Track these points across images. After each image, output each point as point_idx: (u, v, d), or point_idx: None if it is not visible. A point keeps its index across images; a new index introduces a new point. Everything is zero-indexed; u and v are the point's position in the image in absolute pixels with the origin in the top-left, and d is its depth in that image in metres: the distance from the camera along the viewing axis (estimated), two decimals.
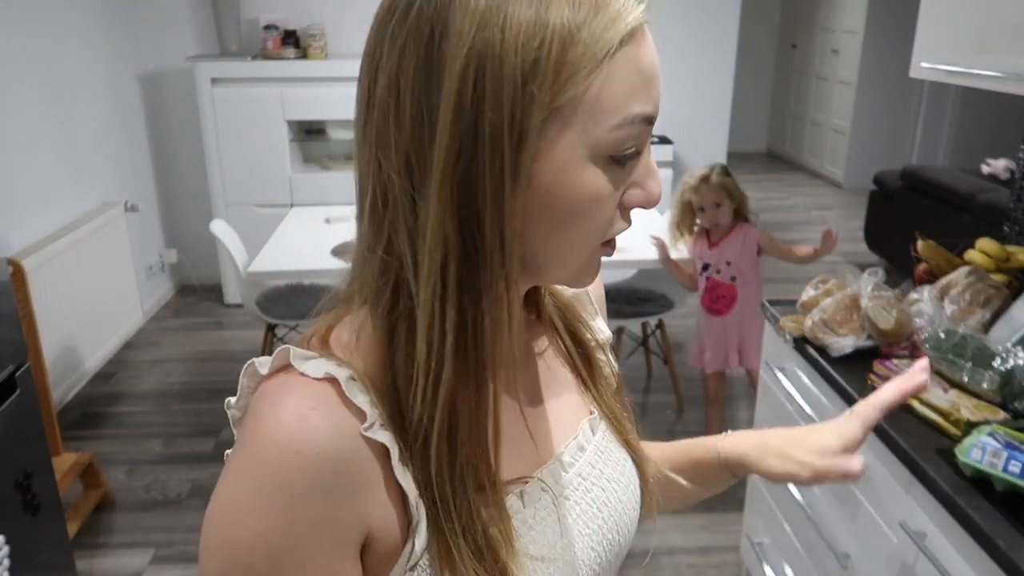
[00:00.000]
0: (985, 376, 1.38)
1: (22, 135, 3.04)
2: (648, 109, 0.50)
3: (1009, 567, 1.06)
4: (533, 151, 0.47)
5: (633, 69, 0.48)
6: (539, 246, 0.51)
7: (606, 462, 0.65)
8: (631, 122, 0.49)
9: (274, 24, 4.01)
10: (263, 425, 0.48)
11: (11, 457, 1.73)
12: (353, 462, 0.48)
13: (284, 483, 0.46)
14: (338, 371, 0.50)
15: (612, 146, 0.49)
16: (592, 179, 0.49)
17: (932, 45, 1.67)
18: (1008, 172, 4.41)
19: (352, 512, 0.48)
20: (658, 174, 0.54)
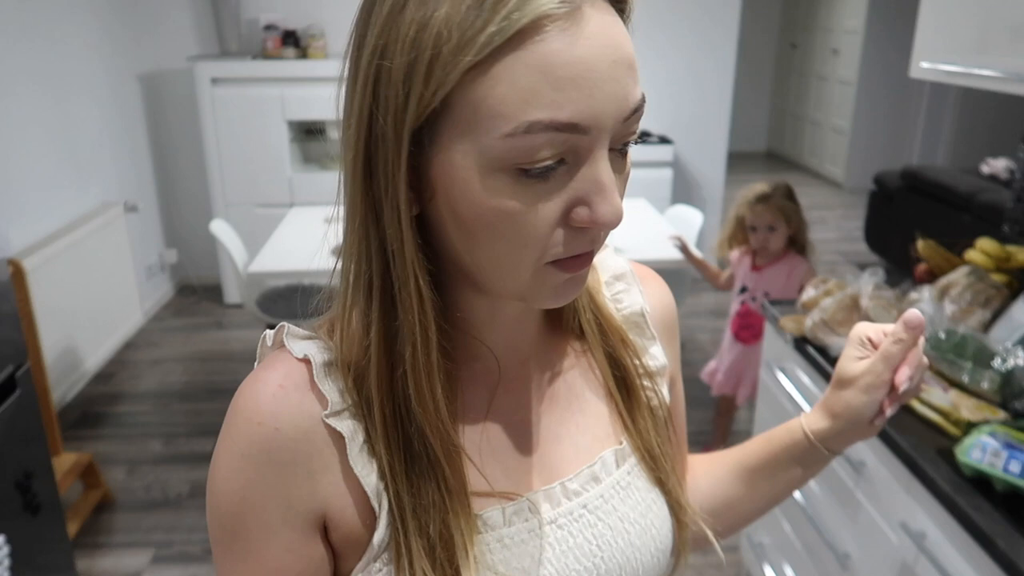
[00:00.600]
0: (985, 376, 1.38)
1: (22, 135, 3.04)
2: (558, 116, 0.42)
3: (1009, 567, 1.06)
4: (429, 156, 0.46)
5: (536, 69, 0.42)
6: (465, 255, 0.49)
7: (624, 499, 0.59)
8: (527, 131, 0.42)
9: (274, 24, 4.01)
10: (239, 394, 0.52)
11: (11, 457, 1.73)
12: (311, 443, 0.50)
13: (246, 451, 0.50)
14: (318, 355, 0.52)
15: (511, 157, 0.43)
16: (492, 192, 0.44)
17: (932, 45, 1.67)
18: (1008, 172, 4.41)
19: (307, 491, 0.50)
20: (611, 191, 0.45)
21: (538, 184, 0.44)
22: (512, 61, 0.42)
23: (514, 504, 0.55)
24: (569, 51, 0.42)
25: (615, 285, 0.66)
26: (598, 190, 0.45)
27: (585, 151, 0.45)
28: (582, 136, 0.44)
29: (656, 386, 0.65)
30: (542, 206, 0.45)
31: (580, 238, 0.47)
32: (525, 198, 0.44)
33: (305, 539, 0.51)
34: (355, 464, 0.51)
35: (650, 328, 0.66)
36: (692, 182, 4.57)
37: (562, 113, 0.42)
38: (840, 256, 5.20)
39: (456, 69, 0.42)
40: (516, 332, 0.59)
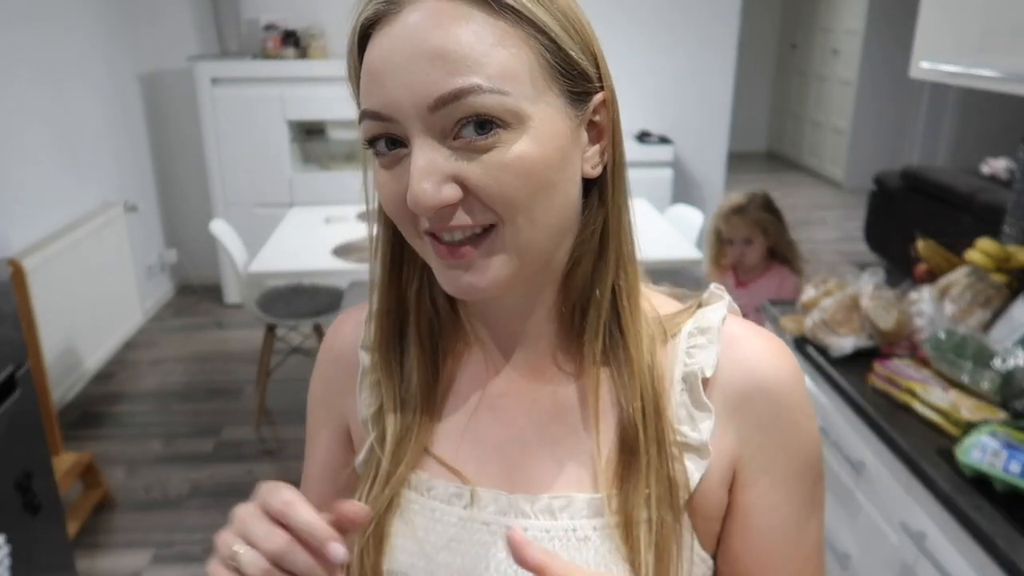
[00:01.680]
0: (985, 376, 1.38)
1: (22, 135, 3.04)
2: (366, 105, 0.50)
3: (1009, 567, 1.06)
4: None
5: (365, 67, 0.50)
6: None
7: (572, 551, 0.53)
8: (361, 117, 0.51)
9: (274, 24, 4.01)
10: (333, 322, 0.68)
11: (11, 457, 1.73)
12: (346, 367, 0.64)
13: (319, 361, 0.68)
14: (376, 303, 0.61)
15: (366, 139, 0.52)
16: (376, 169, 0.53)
17: (932, 45, 1.67)
18: (1008, 172, 4.40)
19: (338, 402, 0.66)
20: (416, 176, 0.48)
21: (388, 162, 0.51)
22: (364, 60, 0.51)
23: (462, 488, 0.57)
24: (377, 50, 0.49)
25: (696, 337, 0.57)
26: (411, 174, 0.49)
27: (407, 136, 0.49)
28: (391, 123, 0.49)
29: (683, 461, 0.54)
30: (392, 183, 0.51)
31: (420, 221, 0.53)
32: (384, 173, 0.52)
33: (337, 442, 0.66)
34: (360, 393, 0.62)
35: (702, 395, 0.55)
36: (692, 182, 4.56)
37: (367, 103, 0.50)
38: (840, 256, 5.20)
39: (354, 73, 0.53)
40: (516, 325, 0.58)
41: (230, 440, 2.97)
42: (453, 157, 0.48)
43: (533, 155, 0.48)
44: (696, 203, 4.36)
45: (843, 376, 1.55)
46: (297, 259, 2.78)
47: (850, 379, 1.53)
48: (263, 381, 3.05)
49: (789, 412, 0.56)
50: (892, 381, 1.47)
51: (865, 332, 1.62)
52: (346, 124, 4.10)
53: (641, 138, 4.28)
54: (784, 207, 2.50)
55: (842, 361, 1.60)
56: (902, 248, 2.17)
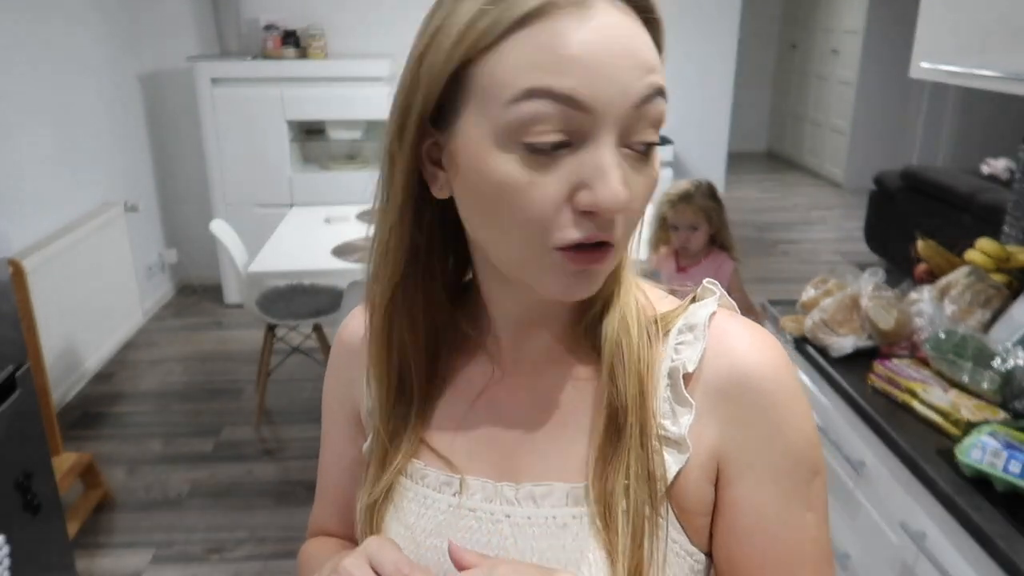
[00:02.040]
0: (985, 376, 1.38)
1: (22, 135, 3.04)
2: (554, 84, 0.45)
3: (1009, 567, 1.06)
4: (449, 134, 0.51)
5: (541, 45, 0.46)
6: (479, 232, 0.53)
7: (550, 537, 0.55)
8: (525, 97, 0.46)
9: (274, 24, 4.01)
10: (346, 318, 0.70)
11: (11, 457, 1.73)
12: (355, 360, 0.66)
13: (332, 355, 0.71)
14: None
15: (513, 127, 0.46)
16: (500, 164, 0.47)
17: (932, 45, 1.67)
18: (1008, 172, 4.41)
19: (348, 394, 0.68)
20: (612, 176, 0.46)
21: (543, 161, 0.47)
22: (522, 38, 0.46)
23: (452, 477, 0.60)
24: (576, 33, 0.46)
25: (684, 334, 0.57)
26: (599, 174, 0.47)
27: (589, 135, 0.47)
28: (582, 115, 0.46)
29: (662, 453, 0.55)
30: (545, 184, 0.47)
31: (586, 223, 0.48)
32: (529, 174, 0.47)
33: (352, 431, 0.69)
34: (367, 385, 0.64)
35: (683, 391, 0.55)
36: None
37: (561, 83, 0.45)
38: (840, 256, 5.20)
39: (464, 46, 0.47)
40: (525, 329, 0.60)
41: (230, 440, 2.97)
42: (623, 164, 0.49)
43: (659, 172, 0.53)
44: None
45: (843, 376, 1.55)
46: (297, 259, 2.78)
47: (850, 379, 1.53)
48: (263, 381, 3.05)
49: (775, 406, 0.54)
50: (892, 381, 1.47)
51: (865, 332, 1.62)
52: (346, 124, 4.10)
53: None
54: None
55: (842, 361, 1.60)
56: (902, 248, 2.17)
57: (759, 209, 6.41)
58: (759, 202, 6.65)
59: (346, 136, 4.15)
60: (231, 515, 2.53)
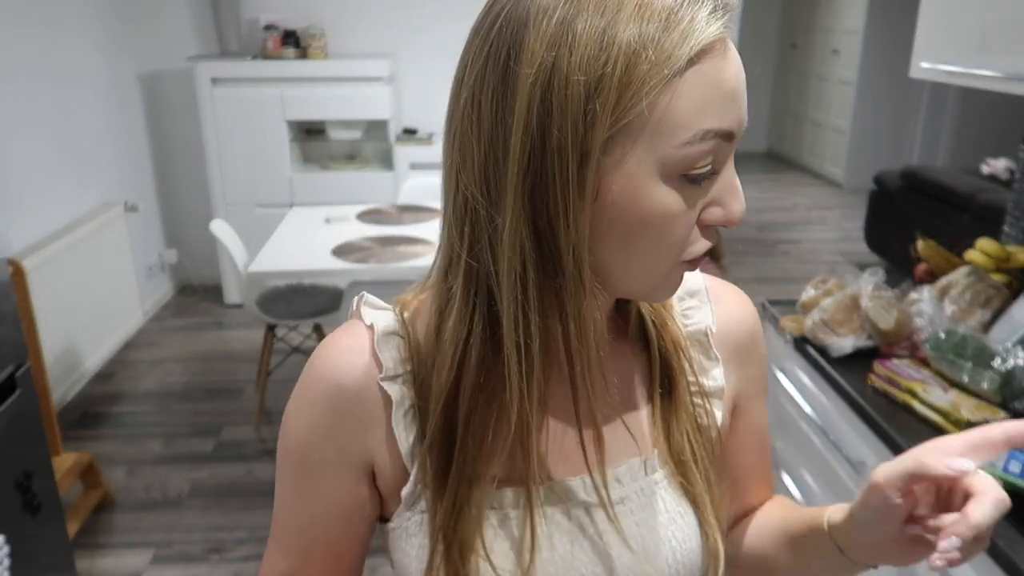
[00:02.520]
0: (985, 376, 1.38)
1: (22, 135, 3.04)
2: (723, 125, 0.48)
3: (1009, 567, 1.06)
4: (601, 166, 0.48)
5: (708, 84, 0.48)
6: (610, 259, 0.52)
7: (644, 506, 0.61)
8: (701, 139, 0.48)
9: (274, 24, 4.01)
10: (317, 352, 0.60)
11: (11, 457, 1.73)
12: (365, 400, 0.58)
13: (314, 399, 0.59)
14: (383, 323, 0.59)
15: (682, 163, 0.48)
16: (662, 197, 0.49)
17: (932, 45, 1.67)
18: (1008, 172, 4.41)
19: (359, 440, 0.59)
20: (740, 192, 0.52)
21: (695, 187, 0.50)
22: (693, 76, 0.47)
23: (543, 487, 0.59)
24: (726, 71, 0.48)
25: (687, 301, 0.67)
26: (731, 191, 0.52)
27: (725, 157, 0.51)
28: (728, 144, 0.50)
29: (709, 405, 0.64)
30: (692, 208, 0.51)
31: (708, 236, 0.53)
32: (683, 202, 0.50)
33: (355, 480, 0.60)
34: (396, 426, 0.58)
35: (713, 349, 0.65)
36: None
37: (726, 123, 0.49)
38: (840, 256, 5.20)
39: (653, 85, 0.46)
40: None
41: (230, 440, 2.97)
42: None
43: None
44: None
45: (843, 376, 1.55)
46: (297, 259, 2.78)
47: (850, 379, 1.53)
48: (263, 381, 3.05)
49: (759, 346, 0.69)
50: (892, 381, 1.47)
51: (865, 332, 1.62)
52: (346, 124, 4.11)
53: None
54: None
55: (842, 361, 1.60)
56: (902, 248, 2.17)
57: (759, 209, 6.41)
58: (759, 202, 6.65)
59: (346, 136, 4.15)
60: (231, 515, 2.53)
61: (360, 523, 0.62)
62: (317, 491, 0.61)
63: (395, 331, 0.59)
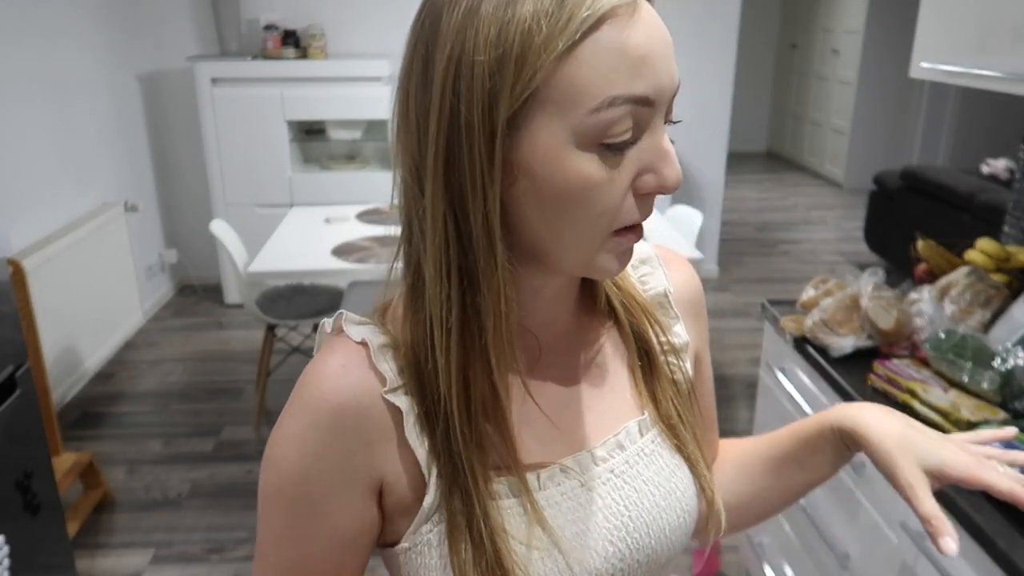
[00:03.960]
0: (985, 376, 1.38)
1: (22, 135, 3.04)
2: (634, 90, 0.48)
3: (1009, 567, 1.06)
4: (514, 141, 0.50)
5: (612, 50, 0.48)
6: (542, 234, 0.53)
7: (648, 465, 0.64)
8: (610, 105, 0.48)
9: (274, 24, 4.01)
10: (308, 373, 0.58)
11: (11, 457, 1.73)
12: (370, 417, 0.56)
13: (313, 422, 0.56)
14: (374, 338, 0.58)
15: (595, 131, 0.49)
16: (581, 165, 0.49)
17: (932, 45, 1.67)
18: (1008, 172, 4.41)
19: (365, 459, 0.57)
20: (674, 157, 0.52)
21: (618, 155, 0.50)
22: (592, 44, 0.48)
23: (548, 470, 0.60)
24: (636, 35, 0.49)
25: (641, 268, 0.71)
26: (662, 157, 0.52)
27: (647, 123, 0.51)
28: (649, 109, 0.50)
29: (680, 361, 0.69)
30: (618, 176, 0.51)
31: (643, 205, 0.53)
32: (605, 170, 0.50)
33: (362, 502, 0.58)
34: (410, 436, 0.56)
35: (673, 308, 0.70)
36: (692, 182, 4.57)
37: (637, 87, 0.49)
38: (840, 256, 5.20)
39: (549, 56, 0.47)
40: (556, 312, 0.63)
41: (230, 440, 2.97)
42: None
43: None
44: (696, 203, 4.36)
45: (843, 376, 1.55)
46: (297, 259, 2.78)
47: (850, 379, 1.53)
48: (263, 381, 3.06)
49: (703, 303, 0.75)
50: (892, 381, 1.47)
51: (865, 332, 1.62)
52: (346, 124, 4.11)
53: None
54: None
55: (842, 361, 1.60)
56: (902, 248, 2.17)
57: (759, 209, 6.41)
58: (759, 202, 6.65)
59: (346, 136, 4.15)
60: (231, 515, 2.53)
61: (364, 548, 0.60)
62: (319, 525, 0.57)
63: (387, 344, 0.58)
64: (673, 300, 0.70)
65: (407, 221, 0.57)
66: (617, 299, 0.67)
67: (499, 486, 0.58)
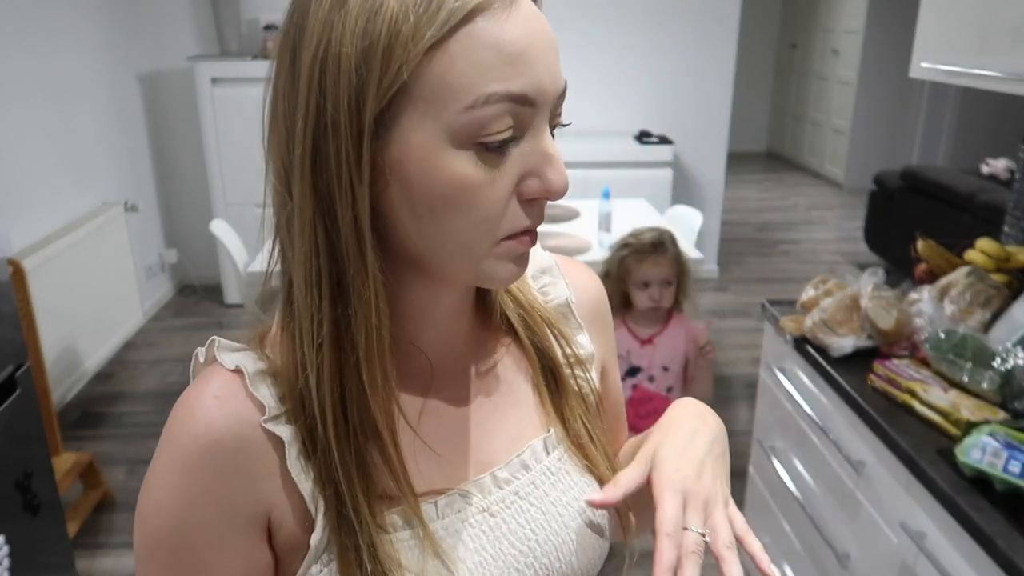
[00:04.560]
0: (985, 376, 1.38)
1: (22, 135, 3.04)
2: (511, 88, 0.46)
3: (1009, 567, 1.06)
4: (385, 140, 0.47)
5: (486, 46, 0.45)
6: (421, 240, 0.50)
7: (555, 484, 0.61)
8: (485, 102, 0.45)
9: (274, 24, 4.01)
10: (176, 410, 0.53)
11: (11, 457, 1.73)
12: (251, 451, 0.51)
13: (186, 465, 0.50)
14: (250, 364, 0.53)
15: (470, 129, 0.46)
16: (457, 166, 0.47)
17: (932, 45, 1.67)
18: (1008, 172, 4.41)
19: (251, 496, 0.51)
20: (559, 160, 0.49)
21: (497, 157, 0.48)
22: (465, 38, 0.45)
23: (446, 497, 0.56)
24: (512, 29, 0.46)
25: (541, 278, 0.68)
26: (546, 160, 0.49)
27: (529, 125, 0.48)
28: (529, 109, 0.47)
29: (586, 373, 0.66)
30: (498, 179, 0.48)
31: (531, 210, 0.50)
32: (484, 172, 0.47)
33: (252, 543, 0.52)
34: (292, 469, 0.51)
35: (576, 318, 0.68)
36: (692, 182, 4.57)
37: (514, 85, 0.46)
38: (840, 256, 5.20)
39: (417, 48, 0.45)
40: (450, 328, 0.60)
41: None
42: None
43: None
44: (696, 203, 4.36)
45: (843, 376, 1.55)
46: None
47: (850, 379, 1.53)
48: None
49: (608, 311, 0.73)
50: (892, 381, 1.47)
51: (865, 332, 1.62)
52: None
53: (641, 138, 4.28)
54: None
55: (842, 361, 1.60)
56: (902, 248, 2.16)
57: (759, 209, 6.41)
58: (759, 202, 6.65)
59: None
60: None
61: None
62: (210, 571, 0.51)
63: (264, 370, 0.53)
64: (575, 309, 0.67)
65: (277, 229, 0.53)
66: (515, 313, 0.63)
67: (392, 517, 0.53)
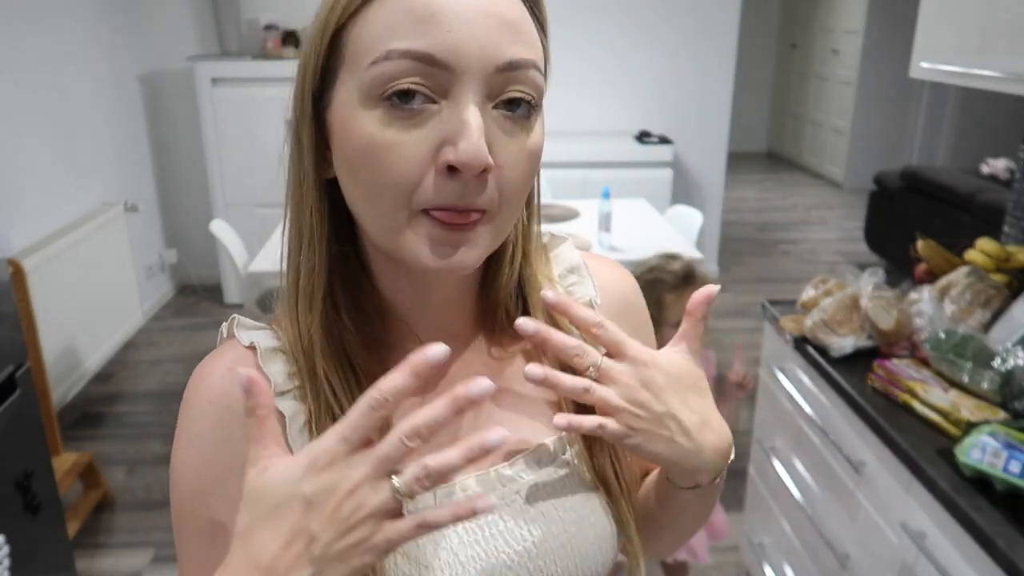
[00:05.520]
0: (985, 376, 1.38)
1: (22, 135, 3.04)
2: (413, 45, 0.46)
3: (1009, 567, 1.06)
4: (328, 103, 0.51)
5: (398, 7, 0.47)
6: (352, 203, 0.53)
7: (561, 488, 0.60)
8: (386, 58, 0.47)
9: (274, 24, 4.01)
10: (192, 381, 0.57)
11: (11, 457, 1.73)
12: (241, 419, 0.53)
13: (201, 431, 0.56)
14: (264, 341, 0.57)
15: (373, 84, 0.47)
16: (364, 123, 0.48)
17: (932, 45, 1.67)
18: (1008, 172, 4.41)
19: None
20: (474, 131, 0.47)
21: (406, 119, 0.48)
22: (382, 3, 0.48)
23: (446, 488, 0.56)
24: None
25: (569, 278, 0.67)
26: (461, 129, 0.47)
27: (451, 92, 0.48)
28: (444, 73, 0.47)
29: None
30: (411, 142, 0.48)
31: (449, 185, 0.48)
32: (396, 132, 0.48)
33: None
34: (293, 444, 0.53)
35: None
36: (692, 182, 4.57)
37: (418, 43, 0.47)
38: (840, 256, 5.20)
39: (345, 14, 0.49)
40: (449, 315, 0.60)
41: None
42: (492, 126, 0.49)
43: (541, 144, 0.53)
44: (696, 203, 4.36)
45: (843, 376, 1.55)
46: None
47: (850, 379, 1.53)
48: None
49: (642, 312, 0.70)
50: (892, 381, 1.47)
51: (865, 332, 1.62)
52: None
53: (641, 138, 4.28)
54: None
55: (842, 361, 1.60)
56: (902, 248, 2.17)
57: (759, 209, 6.41)
58: (759, 202, 6.65)
59: None
60: None
61: None
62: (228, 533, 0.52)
63: (277, 347, 0.56)
64: (600, 310, 0.65)
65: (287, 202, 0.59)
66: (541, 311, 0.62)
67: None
